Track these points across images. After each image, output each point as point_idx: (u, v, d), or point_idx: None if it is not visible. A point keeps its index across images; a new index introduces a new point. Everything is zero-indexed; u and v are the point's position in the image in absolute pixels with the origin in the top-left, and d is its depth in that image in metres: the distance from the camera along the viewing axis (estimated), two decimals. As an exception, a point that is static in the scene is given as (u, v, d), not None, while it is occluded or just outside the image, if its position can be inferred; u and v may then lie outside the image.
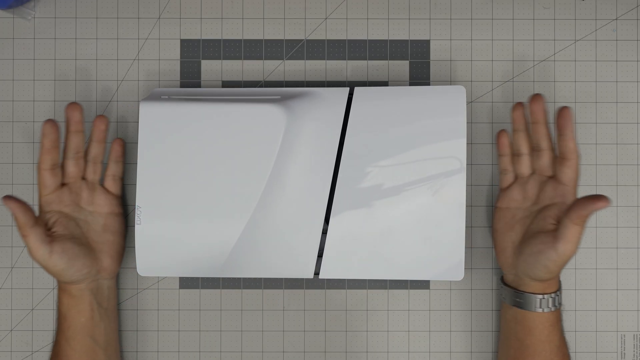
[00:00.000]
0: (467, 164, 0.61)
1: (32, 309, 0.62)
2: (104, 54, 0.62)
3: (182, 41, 0.62)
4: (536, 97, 0.56)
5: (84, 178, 0.58)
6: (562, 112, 0.54)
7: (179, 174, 0.55)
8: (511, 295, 0.56)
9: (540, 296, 0.54)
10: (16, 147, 0.62)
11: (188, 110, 0.55)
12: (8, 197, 0.51)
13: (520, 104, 0.58)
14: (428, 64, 0.62)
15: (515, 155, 0.58)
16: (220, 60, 0.62)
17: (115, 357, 0.58)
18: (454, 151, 0.55)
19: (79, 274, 0.55)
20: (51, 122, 0.55)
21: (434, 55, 0.62)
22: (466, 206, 0.60)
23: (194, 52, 0.62)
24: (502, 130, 0.58)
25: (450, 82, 0.62)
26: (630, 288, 0.61)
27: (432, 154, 0.55)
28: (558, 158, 0.55)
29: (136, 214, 0.55)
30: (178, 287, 0.62)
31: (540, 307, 0.54)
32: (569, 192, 0.54)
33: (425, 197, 0.55)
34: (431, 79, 0.62)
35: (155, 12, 0.62)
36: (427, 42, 0.62)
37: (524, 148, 0.57)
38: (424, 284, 0.62)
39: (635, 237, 0.61)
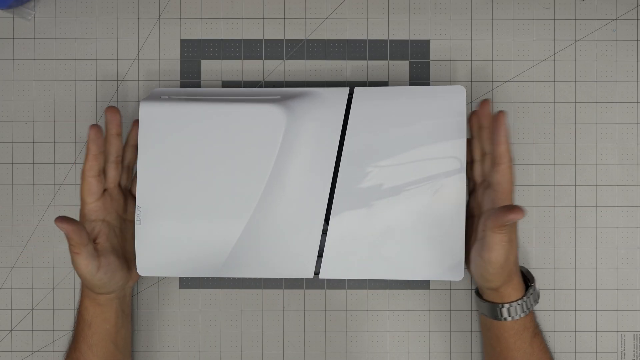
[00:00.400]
0: (467, 164, 0.61)
1: (32, 309, 0.62)
2: (104, 54, 0.62)
3: (182, 41, 0.62)
4: (483, 102, 0.56)
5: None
6: (496, 116, 0.53)
7: (179, 174, 0.55)
8: (478, 303, 0.56)
9: (500, 305, 0.53)
10: (16, 147, 0.62)
11: (188, 110, 0.55)
12: (61, 219, 0.49)
13: (474, 111, 0.58)
14: (428, 64, 0.62)
15: (471, 162, 0.58)
16: (220, 60, 0.62)
17: (130, 359, 0.59)
18: (454, 151, 0.55)
19: (116, 285, 0.55)
20: (97, 126, 0.54)
21: (434, 55, 0.62)
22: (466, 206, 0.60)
23: (194, 52, 0.62)
24: (467, 139, 0.57)
25: (450, 82, 0.62)
26: (630, 288, 0.61)
27: (432, 154, 0.55)
28: (492, 163, 0.54)
29: (136, 214, 0.55)
30: (178, 287, 0.62)
31: (502, 316, 0.53)
32: (499, 199, 0.53)
33: (425, 197, 0.55)
34: (431, 79, 0.62)
35: (155, 12, 0.62)
36: (427, 42, 0.62)
37: (475, 154, 0.57)
38: (424, 284, 0.62)
39: (635, 237, 0.61)
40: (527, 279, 0.56)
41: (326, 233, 0.55)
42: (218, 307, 0.62)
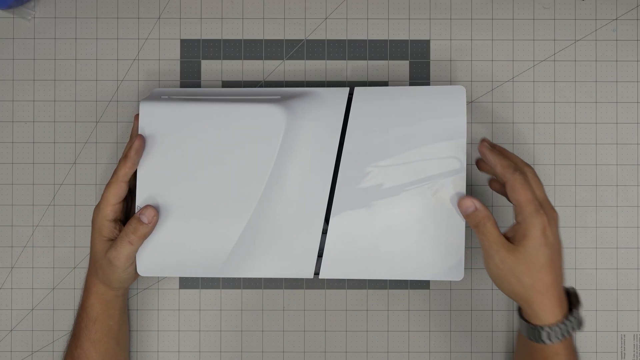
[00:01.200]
0: (467, 164, 0.61)
1: (32, 309, 0.62)
2: (104, 54, 0.62)
3: (182, 41, 0.62)
4: (480, 143, 0.54)
5: None
6: (479, 146, 0.53)
7: (179, 174, 0.55)
8: (517, 322, 0.54)
9: (539, 327, 0.50)
10: (16, 147, 0.62)
11: (188, 110, 0.55)
12: (153, 209, 0.54)
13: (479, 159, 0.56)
14: (428, 64, 0.62)
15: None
16: (220, 60, 0.62)
17: (128, 357, 0.60)
18: (454, 151, 0.55)
19: (131, 281, 0.57)
20: (143, 138, 0.54)
21: (434, 55, 0.62)
22: (466, 206, 0.60)
23: (194, 52, 0.62)
24: (492, 179, 0.58)
25: (450, 82, 0.62)
26: (630, 288, 0.61)
27: (432, 154, 0.55)
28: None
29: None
30: (178, 287, 0.62)
31: (542, 339, 0.50)
32: (518, 212, 0.51)
33: (425, 197, 0.55)
34: (431, 79, 0.62)
35: (155, 12, 0.62)
36: (427, 42, 0.62)
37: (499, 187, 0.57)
38: (424, 284, 0.62)
39: (635, 237, 0.61)
40: (572, 302, 0.52)
41: (326, 233, 0.55)
42: (218, 307, 0.62)
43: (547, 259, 0.49)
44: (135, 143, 0.54)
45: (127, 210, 0.58)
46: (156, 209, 0.54)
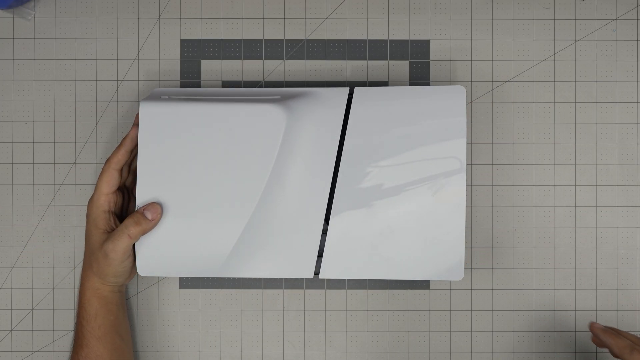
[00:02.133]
0: (467, 164, 0.61)
1: (32, 309, 0.62)
2: (104, 54, 0.62)
3: (182, 41, 0.62)
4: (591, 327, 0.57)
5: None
6: (590, 328, 0.56)
7: (179, 174, 0.55)
8: None
9: None
10: (16, 147, 0.62)
11: (188, 110, 0.55)
12: (155, 204, 0.54)
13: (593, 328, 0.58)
14: (428, 64, 0.62)
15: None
16: (220, 60, 0.62)
17: (132, 351, 0.60)
18: (454, 151, 0.55)
19: (126, 276, 0.57)
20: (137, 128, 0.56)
21: (434, 55, 0.62)
22: (466, 206, 0.60)
23: (194, 52, 0.62)
24: None
25: (450, 82, 0.62)
26: (630, 288, 0.61)
27: (432, 154, 0.55)
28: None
29: (136, 214, 0.55)
30: (178, 287, 0.62)
31: None
32: None
33: (425, 197, 0.55)
34: (431, 79, 0.62)
35: (155, 12, 0.62)
36: (427, 42, 0.62)
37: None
38: (424, 284, 0.62)
39: (635, 237, 0.61)
40: None
41: (326, 233, 0.55)
42: (218, 307, 0.62)
43: None
44: (131, 132, 0.56)
45: (124, 207, 0.58)
46: (161, 207, 0.54)
